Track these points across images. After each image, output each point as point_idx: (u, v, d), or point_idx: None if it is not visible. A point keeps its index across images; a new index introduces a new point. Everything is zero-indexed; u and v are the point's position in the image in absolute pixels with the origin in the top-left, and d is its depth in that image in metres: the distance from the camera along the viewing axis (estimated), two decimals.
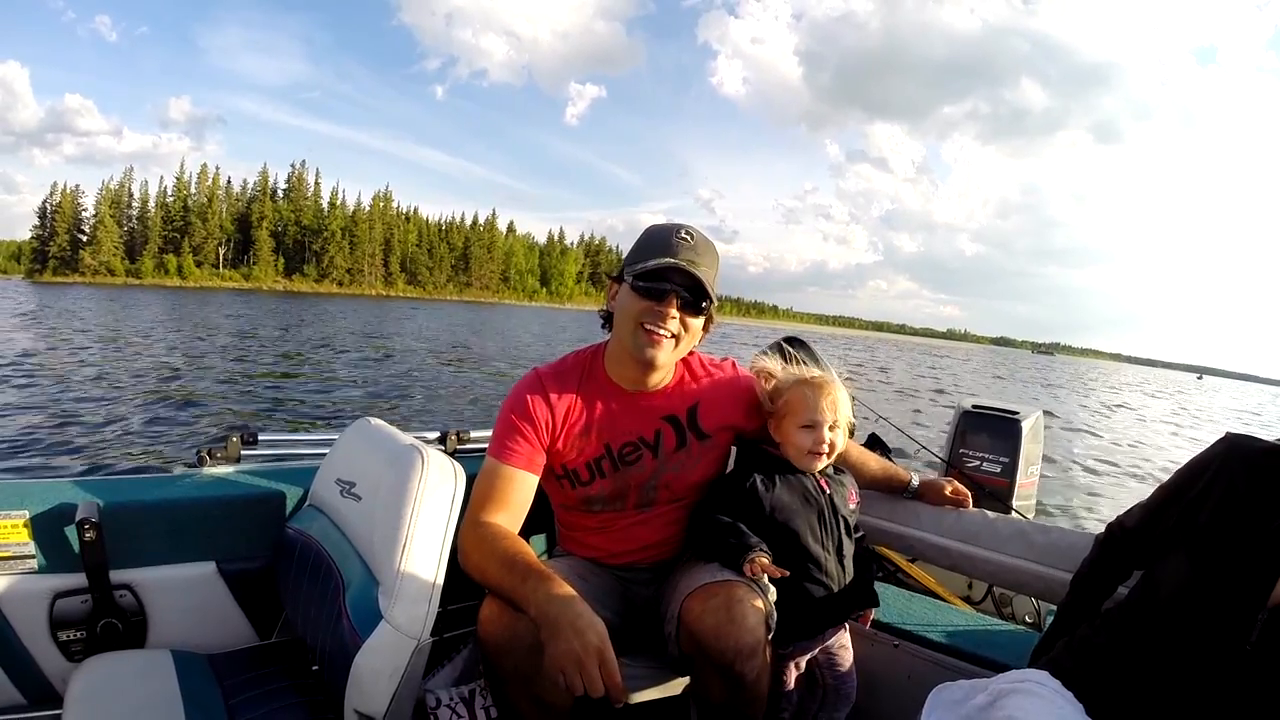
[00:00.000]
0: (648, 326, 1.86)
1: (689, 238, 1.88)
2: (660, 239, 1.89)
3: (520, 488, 1.89)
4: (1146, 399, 51.02)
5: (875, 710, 2.28)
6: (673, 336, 1.89)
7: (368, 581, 1.66)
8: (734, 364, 2.19)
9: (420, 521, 1.63)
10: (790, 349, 2.48)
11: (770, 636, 1.79)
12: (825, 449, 1.97)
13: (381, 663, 1.56)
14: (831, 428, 1.97)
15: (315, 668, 1.88)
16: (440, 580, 1.65)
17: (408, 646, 1.57)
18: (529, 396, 1.96)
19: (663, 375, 2.03)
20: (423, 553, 1.62)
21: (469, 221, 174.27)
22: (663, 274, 1.84)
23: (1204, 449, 1.52)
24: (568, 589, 1.57)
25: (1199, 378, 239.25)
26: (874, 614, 2.33)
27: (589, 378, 2.03)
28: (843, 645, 2.15)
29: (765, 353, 2.30)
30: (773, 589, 1.79)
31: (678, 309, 1.86)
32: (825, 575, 1.94)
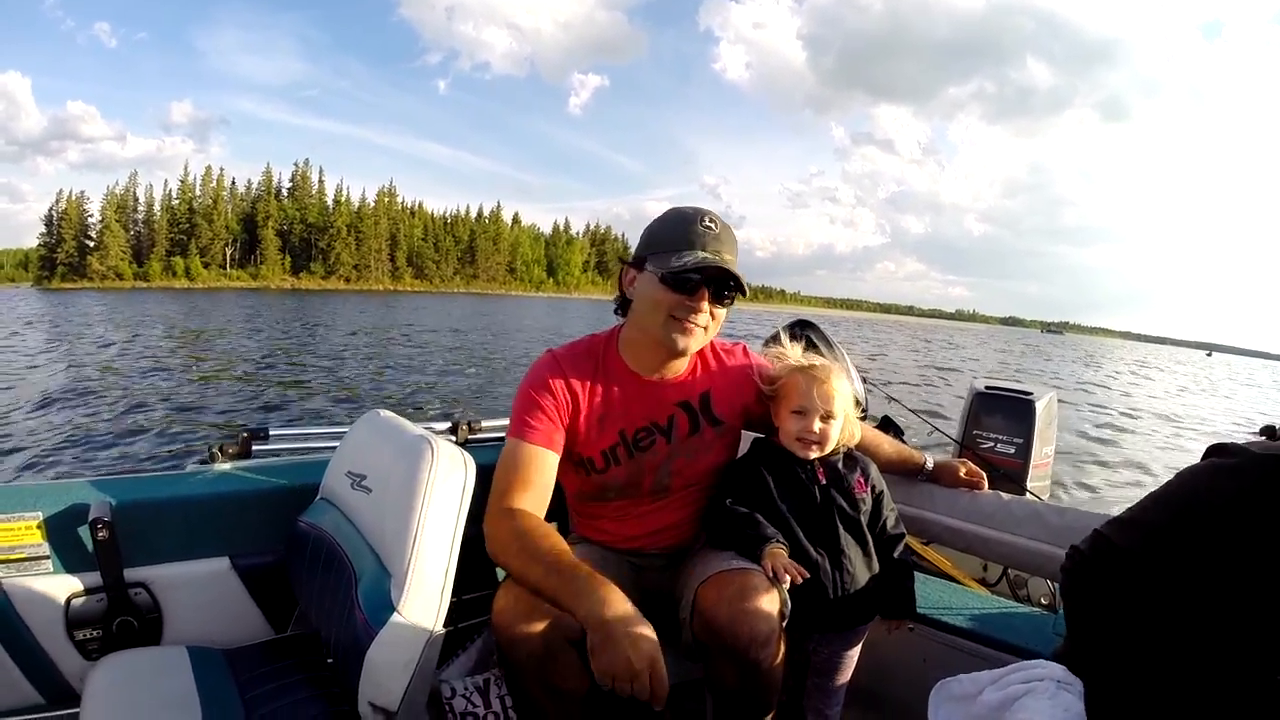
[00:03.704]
0: (679, 318, 1.87)
1: (713, 225, 1.87)
2: (685, 228, 1.86)
3: (543, 466, 1.88)
4: (1156, 374, 50.96)
5: (891, 694, 2.28)
6: (703, 326, 1.90)
7: (380, 573, 1.66)
8: (745, 349, 2.19)
9: (431, 513, 1.63)
10: (803, 331, 2.48)
11: (785, 625, 1.79)
12: (814, 437, 1.96)
13: (395, 654, 1.56)
14: (824, 418, 1.97)
15: (330, 660, 1.88)
16: (452, 571, 1.65)
17: (421, 637, 1.57)
18: (547, 376, 1.95)
19: (684, 362, 2.04)
20: (434, 544, 1.62)
21: (474, 214, 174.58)
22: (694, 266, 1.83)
23: (1190, 466, 1.42)
24: (619, 594, 1.55)
25: (1208, 354, 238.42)
26: None
27: (604, 364, 2.03)
28: (841, 653, 2.10)
29: (778, 336, 2.30)
30: (787, 579, 1.78)
31: (708, 300, 1.87)
32: (820, 572, 1.91)
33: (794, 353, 2.09)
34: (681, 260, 1.82)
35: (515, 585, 1.73)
